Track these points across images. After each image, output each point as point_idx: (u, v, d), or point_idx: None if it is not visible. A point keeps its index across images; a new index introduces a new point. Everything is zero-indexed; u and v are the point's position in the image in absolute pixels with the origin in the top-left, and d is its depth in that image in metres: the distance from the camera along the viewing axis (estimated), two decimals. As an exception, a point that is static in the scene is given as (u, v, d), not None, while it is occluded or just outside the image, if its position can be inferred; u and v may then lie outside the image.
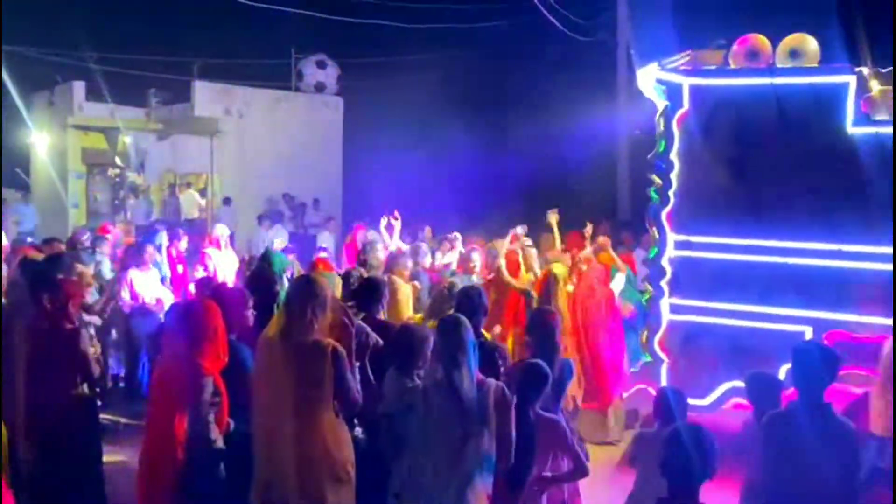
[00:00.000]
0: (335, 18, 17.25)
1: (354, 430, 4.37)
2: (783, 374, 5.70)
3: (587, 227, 8.53)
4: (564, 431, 4.36)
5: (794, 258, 6.33)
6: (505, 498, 4.06)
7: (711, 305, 6.60)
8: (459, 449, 3.79)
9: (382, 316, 5.36)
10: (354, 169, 19.44)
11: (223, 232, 10.09)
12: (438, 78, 18.73)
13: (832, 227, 6.17)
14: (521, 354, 6.04)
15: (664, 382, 6.63)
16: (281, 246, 10.97)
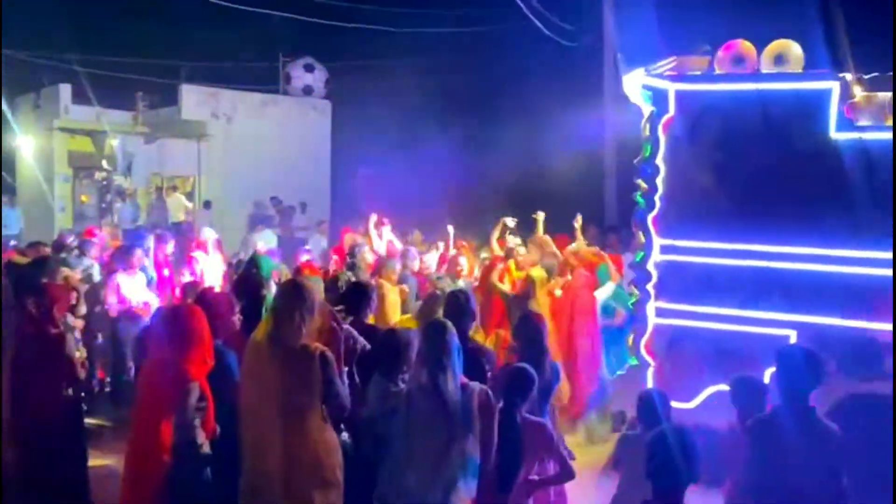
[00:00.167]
0: (323, 22, 17.27)
1: (341, 434, 4.37)
2: (768, 377, 5.73)
3: (577, 217, 8.74)
4: (551, 435, 4.37)
5: (778, 262, 6.38)
6: (491, 501, 4.07)
7: (697, 309, 6.63)
8: (443, 453, 3.80)
9: (370, 320, 5.37)
10: (342, 172, 19.44)
11: (210, 236, 10.06)
12: (426, 82, 18.78)
13: (816, 231, 6.22)
14: (507, 358, 6.06)
15: (650, 386, 6.65)
16: (266, 248, 10.93)
